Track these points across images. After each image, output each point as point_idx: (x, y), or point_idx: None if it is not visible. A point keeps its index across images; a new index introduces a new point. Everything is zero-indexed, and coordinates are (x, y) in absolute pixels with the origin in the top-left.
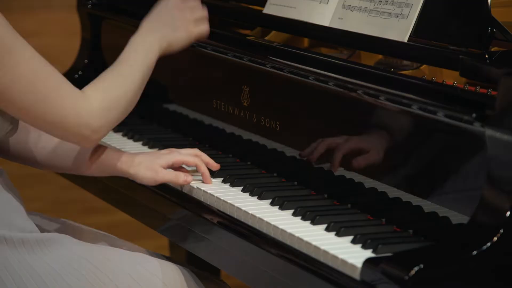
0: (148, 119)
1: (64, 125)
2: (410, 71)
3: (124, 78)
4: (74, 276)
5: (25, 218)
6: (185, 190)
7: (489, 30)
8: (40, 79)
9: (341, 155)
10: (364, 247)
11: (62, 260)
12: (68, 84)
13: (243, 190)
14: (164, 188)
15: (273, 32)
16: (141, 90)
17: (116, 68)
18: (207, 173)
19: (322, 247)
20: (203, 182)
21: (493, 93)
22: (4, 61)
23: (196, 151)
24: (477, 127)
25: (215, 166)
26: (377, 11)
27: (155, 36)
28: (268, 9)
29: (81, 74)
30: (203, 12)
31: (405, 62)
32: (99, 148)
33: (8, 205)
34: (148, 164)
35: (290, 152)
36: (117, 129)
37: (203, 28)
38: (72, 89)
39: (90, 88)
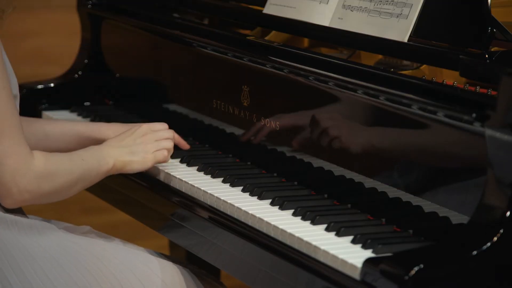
0: (148, 119)
1: (0, 168)
2: (410, 71)
3: (71, 164)
4: (72, 264)
5: (19, 209)
6: (185, 190)
7: (489, 30)
8: (1, 113)
9: (341, 154)
10: (364, 247)
11: (59, 246)
12: (23, 136)
13: (243, 190)
14: (164, 188)
15: (273, 32)
16: (77, 186)
17: (69, 154)
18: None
19: (322, 247)
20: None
21: (493, 93)
22: None
23: (170, 134)
24: (477, 127)
25: (186, 146)
26: (377, 11)
27: (113, 152)
28: (268, 9)
29: (81, 74)
30: (167, 144)
31: (405, 62)
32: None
33: None
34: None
35: (290, 152)
36: None
37: (162, 158)
38: (24, 141)
39: (39, 152)
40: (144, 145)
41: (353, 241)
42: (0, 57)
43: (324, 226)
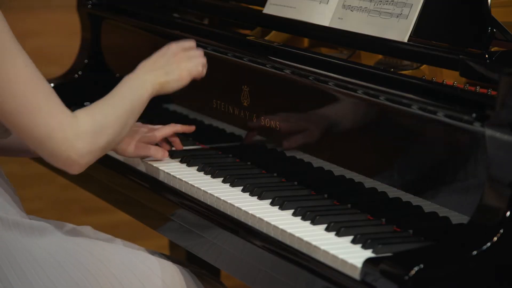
0: (148, 119)
1: (51, 143)
2: (410, 71)
3: (114, 108)
4: (73, 264)
5: (20, 209)
6: (185, 190)
7: (489, 30)
8: (31, 91)
9: (341, 154)
10: (364, 247)
11: (59, 247)
12: (59, 102)
13: (243, 190)
14: (164, 188)
15: (273, 32)
16: (128, 124)
17: (108, 98)
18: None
19: (322, 247)
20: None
21: (493, 93)
22: None
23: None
24: (477, 127)
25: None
26: (377, 11)
27: (149, 77)
28: (268, 9)
29: (81, 74)
30: (200, 60)
31: (405, 62)
32: None
33: (4, 195)
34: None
35: (290, 152)
36: None
37: (196, 73)
38: (62, 107)
39: (81, 111)
40: (178, 64)
41: (353, 241)
42: (12, 36)
43: (324, 226)
